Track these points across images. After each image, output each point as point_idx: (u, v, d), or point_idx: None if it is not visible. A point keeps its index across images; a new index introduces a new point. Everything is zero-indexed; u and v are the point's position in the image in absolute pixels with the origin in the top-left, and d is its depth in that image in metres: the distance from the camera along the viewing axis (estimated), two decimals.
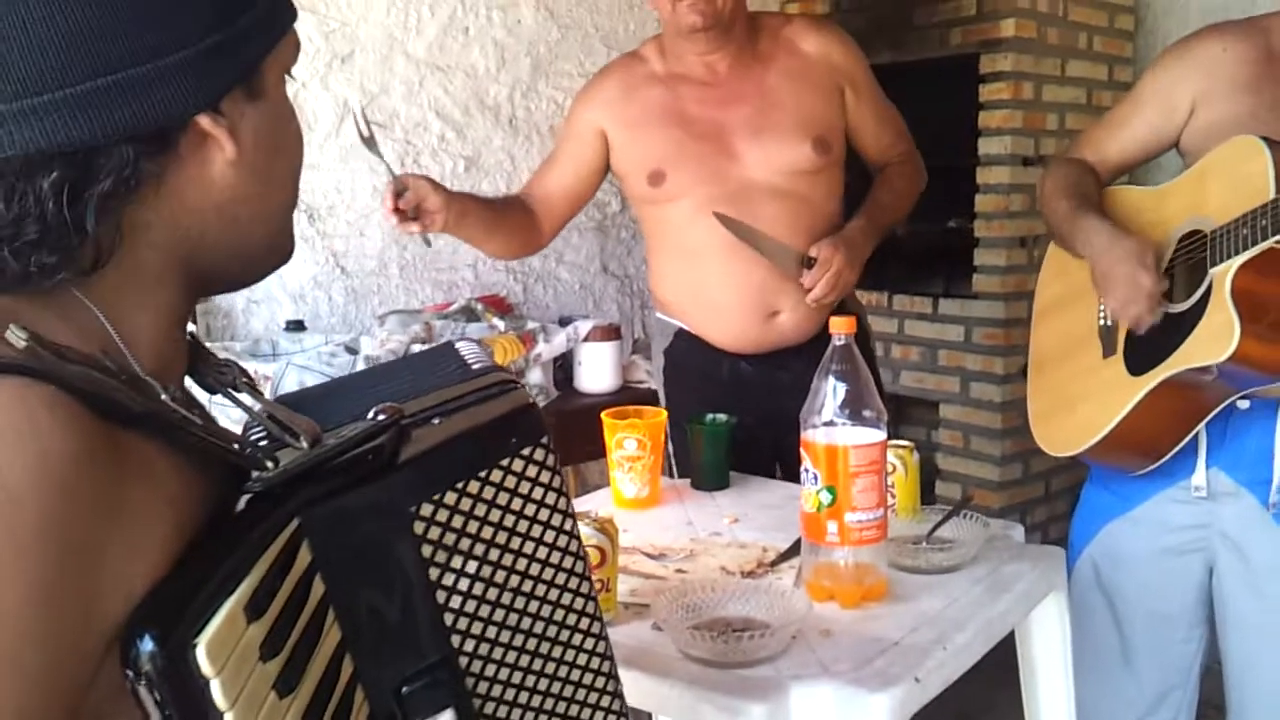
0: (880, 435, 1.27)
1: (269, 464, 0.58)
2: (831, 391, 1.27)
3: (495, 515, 0.65)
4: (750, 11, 1.93)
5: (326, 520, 0.58)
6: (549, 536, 0.68)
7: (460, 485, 0.64)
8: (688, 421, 1.75)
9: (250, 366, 1.80)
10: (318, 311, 2.41)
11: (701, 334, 1.96)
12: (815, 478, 1.25)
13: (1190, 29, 3.21)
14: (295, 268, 2.38)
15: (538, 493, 0.68)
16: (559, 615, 0.70)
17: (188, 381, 0.66)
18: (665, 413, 1.69)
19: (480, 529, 0.65)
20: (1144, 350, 1.51)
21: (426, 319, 2.19)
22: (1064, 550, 1.46)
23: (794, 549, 1.37)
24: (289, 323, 2.22)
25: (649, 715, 1.92)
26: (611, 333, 2.19)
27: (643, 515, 1.59)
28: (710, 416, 1.77)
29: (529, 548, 0.67)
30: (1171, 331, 1.46)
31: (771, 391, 1.88)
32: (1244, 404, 1.50)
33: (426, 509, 0.63)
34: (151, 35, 0.55)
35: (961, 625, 1.20)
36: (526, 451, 0.67)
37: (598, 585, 1.15)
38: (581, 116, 1.98)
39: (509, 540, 0.66)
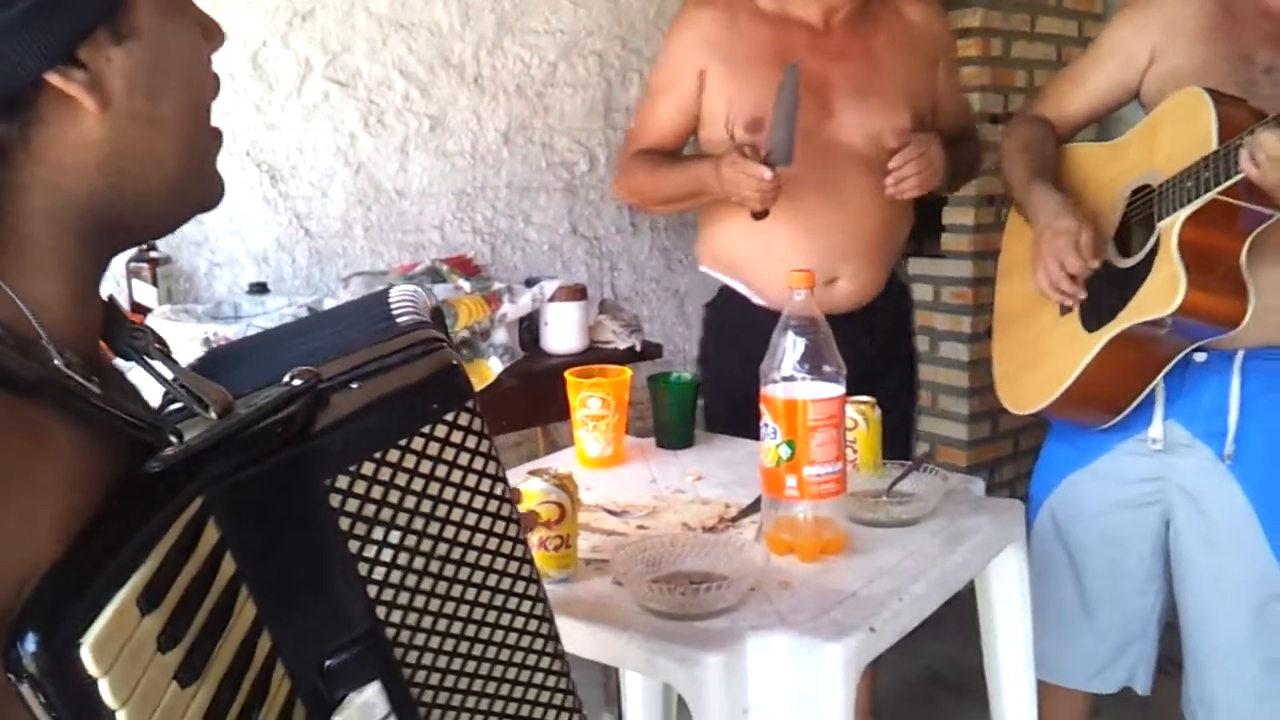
0: (839, 390, 1.27)
1: (173, 439, 0.56)
2: (791, 346, 1.27)
3: (418, 484, 0.63)
4: None
5: (234, 496, 0.56)
6: (477, 502, 0.66)
7: (378, 455, 0.62)
8: (650, 380, 1.75)
9: (212, 329, 1.78)
10: (281, 274, 2.38)
11: (755, 292, 1.92)
12: (775, 432, 1.26)
13: None
14: (258, 230, 2.35)
15: (463, 458, 0.65)
16: (492, 580, 0.68)
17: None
18: (629, 371, 1.69)
19: (403, 499, 0.63)
20: (1098, 306, 1.52)
21: (392, 281, 2.17)
22: (1024, 504, 1.47)
23: (755, 505, 1.38)
24: (252, 285, 2.20)
25: (616, 671, 1.95)
26: (577, 293, 2.18)
27: (607, 473, 1.59)
28: (675, 375, 1.77)
29: (456, 514, 0.66)
30: (1124, 286, 1.47)
31: None
32: (1200, 357, 1.51)
33: (343, 480, 0.60)
34: None
35: (917, 577, 1.21)
36: (450, 417, 0.64)
37: (556, 541, 1.17)
38: (683, 59, 1.88)
39: (434, 508, 0.64)
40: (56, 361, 0.53)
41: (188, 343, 1.73)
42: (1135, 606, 1.69)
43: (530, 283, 2.21)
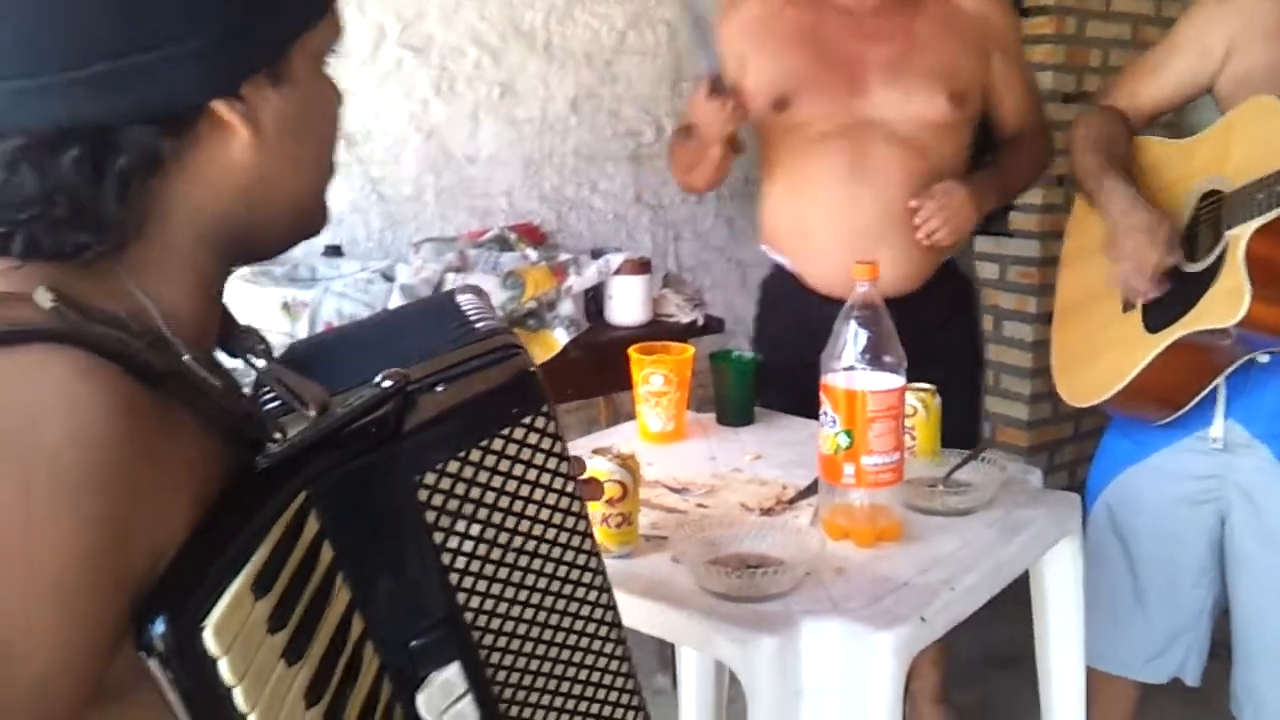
0: (899, 381, 1.29)
1: (277, 435, 0.61)
2: (853, 337, 1.29)
3: (497, 481, 0.68)
4: None
5: (333, 490, 0.61)
6: (550, 499, 0.71)
7: (463, 454, 0.66)
8: (711, 357, 1.78)
9: (289, 293, 1.84)
10: (354, 236, 2.44)
11: (800, 272, 1.95)
12: (834, 421, 1.28)
13: None
14: (333, 193, 2.37)
15: (539, 458, 0.70)
16: (561, 572, 0.73)
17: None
18: (691, 349, 1.72)
19: (483, 494, 0.68)
20: (1162, 308, 1.52)
21: (461, 247, 2.22)
22: (1080, 496, 1.48)
23: (812, 488, 1.41)
24: (327, 248, 2.26)
25: (673, 646, 2.00)
26: (642, 266, 2.21)
27: (667, 449, 1.63)
28: (736, 353, 1.80)
29: (531, 510, 0.70)
30: (1189, 290, 1.47)
31: None
32: (1264, 358, 1.51)
33: (430, 477, 0.65)
34: (166, 21, 0.57)
35: (971, 567, 1.23)
36: (528, 420, 0.69)
37: (619, 519, 1.21)
38: (726, 46, 1.95)
39: (511, 504, 0.69)
40: (185, 357, 0.59)
41: (267, 305, 1.80)
42: (1188, 599, 1.70)
43: (596, 254, 2.25)
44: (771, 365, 1.79)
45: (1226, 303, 1.38)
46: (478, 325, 0.74)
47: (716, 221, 3.17)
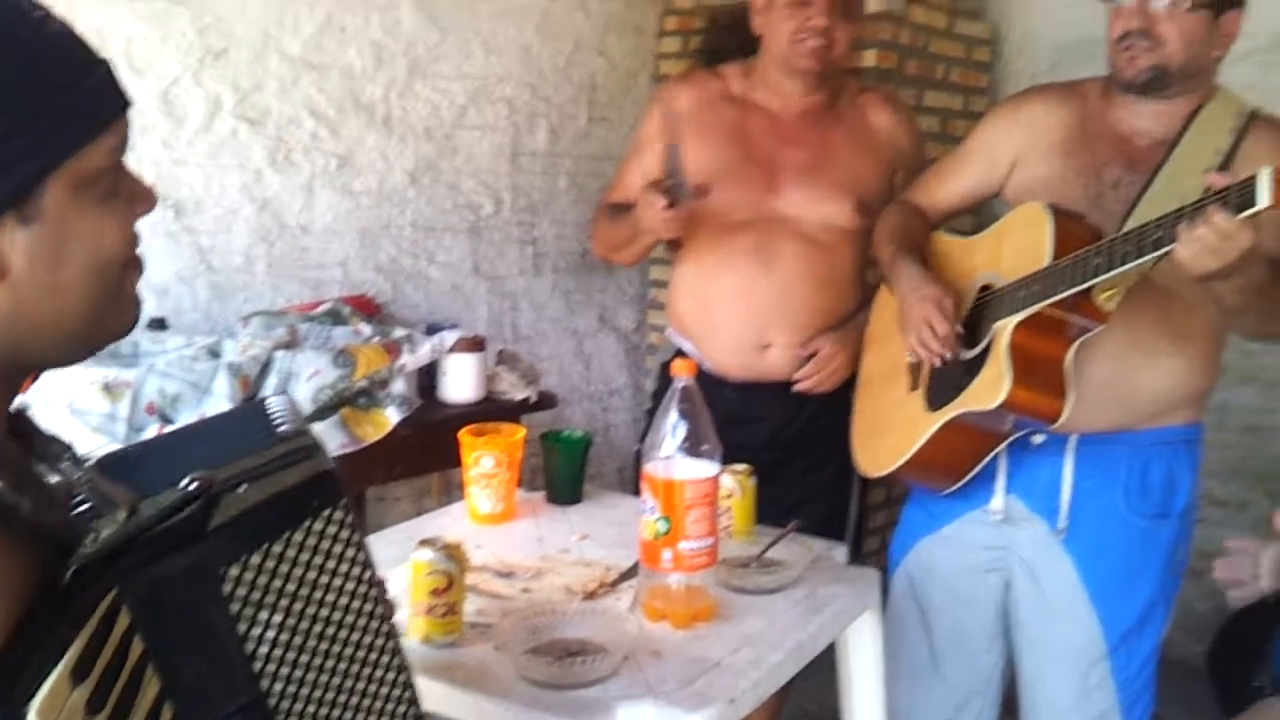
0: (714, 470, 1.38)
1: (90, 536, 0.65)
2: (672, 430, 1.37)
3: (297, 571, 0.74)
4: (842, 72, 2.06)
5: (142, 588, 0.66)
6: (348, 585, 0.78)
7: (264, 547, 0.72)
8: (542, 437, 1.84)
9: (110, 372, 1.80)
10: (181, 307, 2.40)
11: (700, 354, 2.05)
12: (654, 508, 1.36)
13: (1041, 65, 3.46)
14: (159, 263, 2.36)
15: (336, 548, 0.77)
16: (360, 653, 0.79)
17: None
18: (523, 430, 1.77)
19: (284, 584, 0.74)
20: (940, 388, 1.67)
21: (291, 321, 2.21)
22: (879, 572, 1.61)
23: (634, 569, 1.48)
24: (151, 320, 2.21)
25: None
26: (476, 344, 2.25)
27: (496, 530, 1.67)
28: (566, 432, 1.86)
29: (330, 597, 0.77)
30: (963, 374, 1.62)
31: (746, 423, 1.97)
32: (1039, 438, 1.67)
33: (234, 570, 0.71)
34: None
35: (776, 646, 1.32)
36: (325, 513, 0.76)
37: (443, 609, 1.25)
38: (653, 128, 2.09)
39: (310, 591, 0.75)
40: None
41: (87, 386, 1.76)
42: (980, 664, 1.84)
43: (431, 329, 2.28)
44: None
45: (991, 387, 1.54)
46: (280, 429, 0.80)
47: (553, 293, 3.25)
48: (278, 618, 0.73)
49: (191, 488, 0.69)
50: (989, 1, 3.53)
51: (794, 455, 2.03)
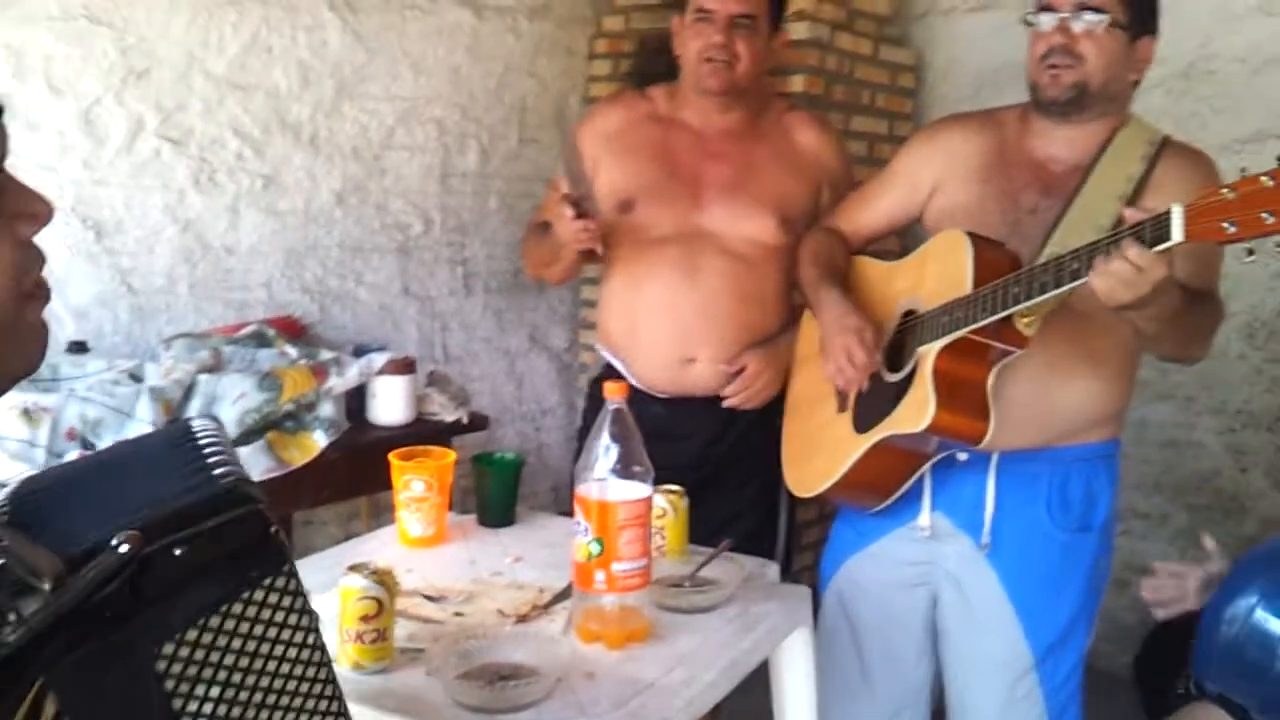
0: (646, 491, 1.39)
1: (11, 617, 0.60)
2: (604, 451, 1.38)
3: (237, 643, 0.69)
4: (766, 91, 2.08)
5: (69, 673, 0.62)
6: (291, 653, 0.72)
7: (201, 621, 0.67)
8: (474, 460, 1.83)
9: (30, 398, 1.75)
10: (102, 330, 2.34)
11: (627, 369, 2.06)
12: (586, 530, 1.36)
13: (965, 90, 3.55)
14: (79, 286, 2.31)
15: (279, 616, 0.71)
16: None
17: None
18: (453, 453, 1.76)
19: (223, 657, 0.69)
20: (868, 411, 1.70)
21: (215, 344, 2.17)
22: (809, 590, 1.62)
23: (567, 591, 1.48)
24: (71, 344, 2.15)
25: None
26: (405, 366, 2.23)
27: (427, 554, 1.65)
28: (498, 454, 1.86)
29: (272, 666, 0.72)
30: (889, 397, 1.65)
31: (674, 439, 1.98)
32: (963, 456, 1.71)
33: (168, 648, 0.66)
34: None
35: (710, 664, 1.33)
36: (268, 581, 0.70)
37: (373, 635, 1.23)
38: (583, 147, 2.10)
39: (251, 663, 0.70)
40: None
41: (6, 412, 1.70)
42: (909, 677, 1.87)
43: (359, 351, 2.26)
44: None
45: (917, 411, 1.57)
46: (216, 473, 0.74)
47: (485, 313, 3.24)
48: (215, 691, 0.68)
49: (121, 549, 0.64)
50: (913, 29, 3.62)
51: (724, 471, 2.05)
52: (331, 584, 1.29)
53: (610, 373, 2.11)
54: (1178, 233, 1.29)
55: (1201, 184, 1.36)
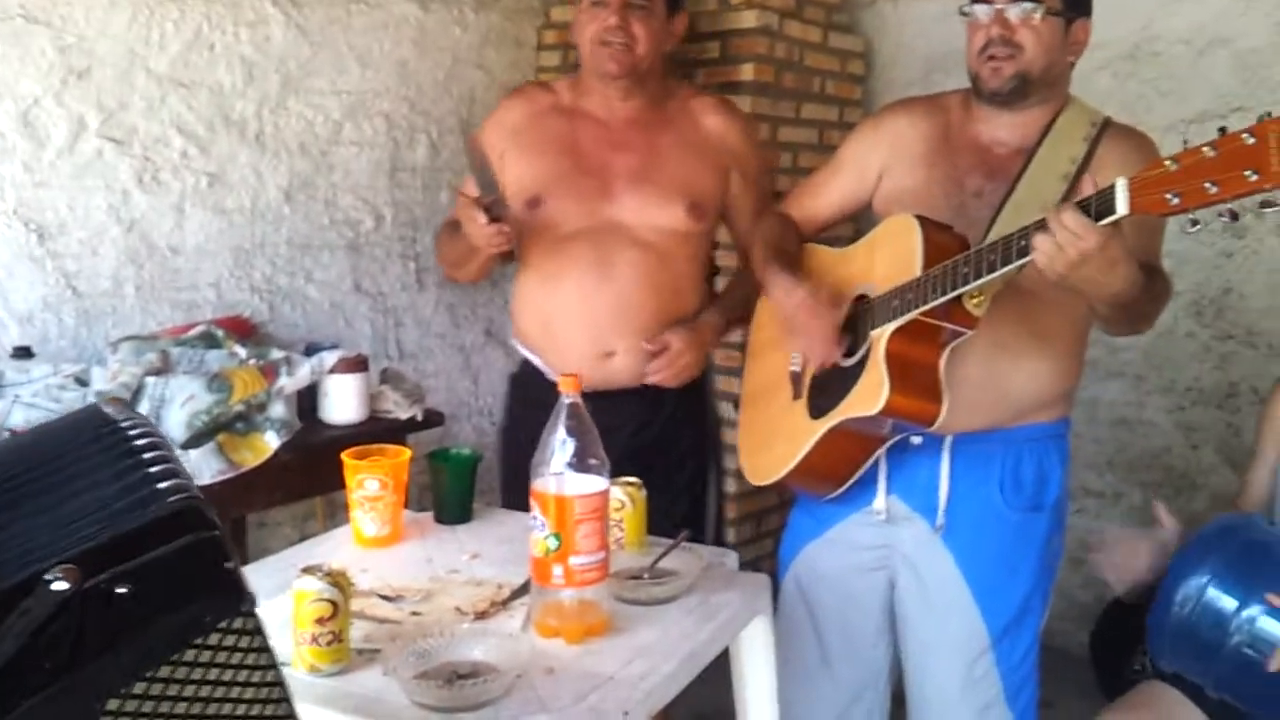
0: (603, 484, 1.38)
1: None
2: (560, 445, 1.37)
3: (190, 691, 0.64)
4: (669, 77, 2.05)
5: None
6: (249, 694, 0.68)
7: (149, 674, 0.62)
8: (429, 456, 1.81)
9: None
10: (46, 335, 2.30)
11: (544, 365, 2.03)
12: (543, 525, 1.35)
13: (913, 76, 3.57)
14: (22, 290, 2.26)
15: (237, 658, 0.66)
16: None
17: None
18: (408, 451, 1.75)
19: (174, 707, 0.64)
20: (822, 396, 1.71)
21: (163, 346, 2.13)
22: (769, 578, 1.63)
23: (525, 587, 1.47)
24: (15, 349, 2.11)
25: None
26: (358, 364, 2.21)
27: (384, 553, 1.64)
28: (454, 450, 1.84)
29: (228, 709, 0.67)
30: (842, 382, 1.66)
31: (600, 432, 1.94)
32: (917, 440, 1.72)
33: (113, 703, 0.61)
34: None
35: (670, 655, 1.33)
36: (224, 624, 0.65)
37: (329, 637, 1.22)
38: (489, 142, 2.01)
39: (205, 709, 0.66)
40: None
41: None
42: (868, 659, 1.88)
43: (310, 351, 2.23)
44: (517, 458, 1.85)
45: (870, 394, 1.58)
46: (161, 486, 0.67)
47: (438, 309, 3.21)
48: None
49: (56, 585, 0.58)
50: (862, 16, 3.64)
51: (655, 458, 2.03)
52: (284, 587, 1.28)
53: (528, 369, 2.09)
54: (1122, 205, 1.30)
55: (1143, 162, 1.38)
